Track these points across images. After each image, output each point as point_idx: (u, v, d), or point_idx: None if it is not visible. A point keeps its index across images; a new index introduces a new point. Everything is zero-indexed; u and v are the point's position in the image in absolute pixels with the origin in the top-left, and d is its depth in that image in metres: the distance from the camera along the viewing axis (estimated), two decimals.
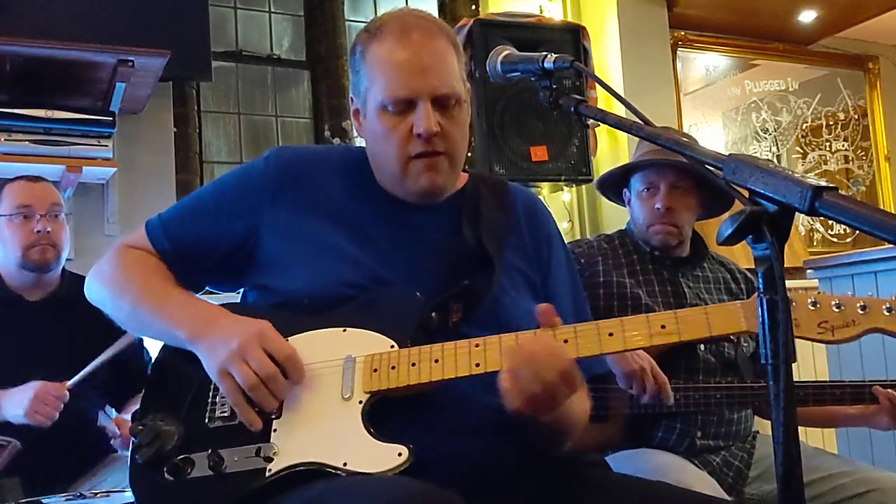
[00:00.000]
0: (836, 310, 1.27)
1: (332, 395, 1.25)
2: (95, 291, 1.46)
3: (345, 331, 1.30)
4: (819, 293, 1.30)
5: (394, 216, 1.42)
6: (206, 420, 1.27)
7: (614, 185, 2.30)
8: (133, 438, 1.29)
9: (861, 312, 1.28)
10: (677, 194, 2.14)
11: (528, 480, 1.29)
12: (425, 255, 1.39)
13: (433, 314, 1.31)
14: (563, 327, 1.25)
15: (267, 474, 1.20)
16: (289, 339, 1.30)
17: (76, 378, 2.19)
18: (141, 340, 2.44)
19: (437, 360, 1.24)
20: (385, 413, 1.24)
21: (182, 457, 1.25)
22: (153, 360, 1.43)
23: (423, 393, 1.26)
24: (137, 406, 1.35)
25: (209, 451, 1.23)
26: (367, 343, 1.28)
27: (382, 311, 1.30)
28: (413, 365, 1.24)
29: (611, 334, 1.23)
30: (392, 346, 1.27)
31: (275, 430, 1.24)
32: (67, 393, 2.17)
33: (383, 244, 1.38)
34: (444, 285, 1.34)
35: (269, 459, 1.22)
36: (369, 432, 1.21)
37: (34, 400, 2.12)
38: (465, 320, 1.32)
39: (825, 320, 1.25)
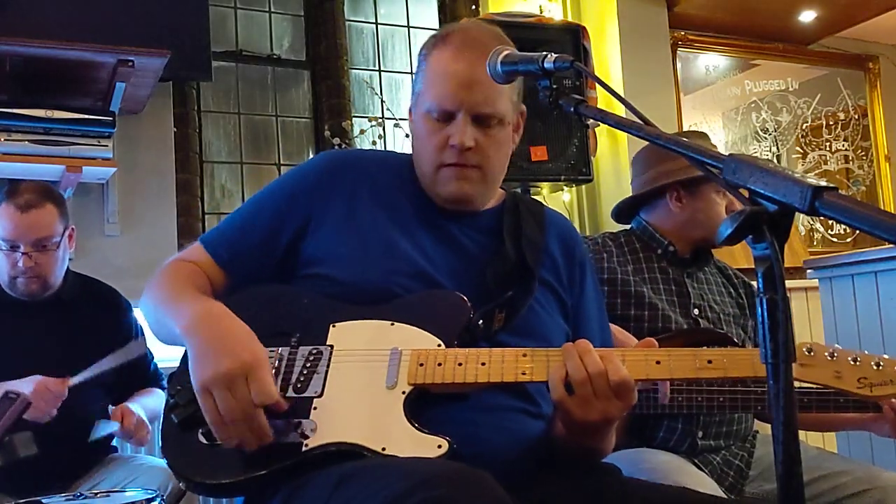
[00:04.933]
0: (876, 368, 1.31)
1: (376, 382, 1.26)
2: (144, 306, 1.46)
3: (392, 324, 1.33)
4: (861, 352, 1.34)
5: (439, 222, 1.47)
6: None
7: (636, 202, 2.29)
8: (170, 398, 1.30)
9: None
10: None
11: (546, 484, 1.31)
12: (467, 263, 1.43)
13: (480, 321, 1.34)
14: (612, 350, 1.28)
15: (303, 449, 1.21)
16: (336, 325, 1.34)
17: (79, 377, 2.18)
18: (148, 349, 2.43)
19: (483, 363, 1.26)
20: (423, 408, 1.26)
21: None
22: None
23: (462, 394, 1.28)
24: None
25: None
26: (413, 338, 1.31)
27: (431, 311, 1.34)
28: (459, 364, 1.27)
29: (658, 362, 1.26)
30: (439, 345, 1.30)
31: (315, 408, 1.25)
32: (67, 391, 2.16)
33: (429, 247, 1.43)
34: (484, 293, 1.38)
35: (306, 436, 1.23)
36: (410, 423, 1.22)
37: (33, 394, 2.11)
38: (505, 329, 1.37)
39: (865, 376, 1.29)
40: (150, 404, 2.38)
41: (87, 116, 3.02)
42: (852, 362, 1.31)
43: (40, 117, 2.94)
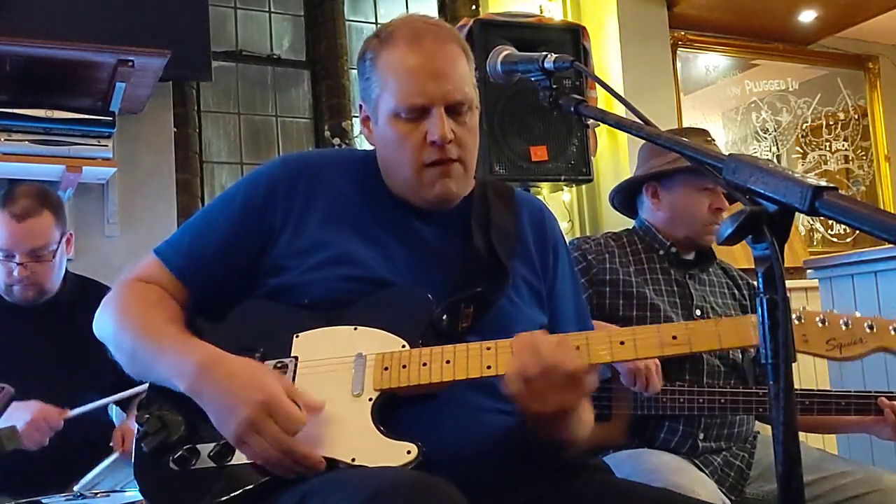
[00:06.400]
0: (845, 327, 1.28)
1: (341, 391, 1.25)
2: (101, 329, 1.41)
3: (356, 329, 1.31)
4: (828, 311, 1.30)
5: (402, 220, 1.41)
6: None
7: (631, 188, 2.29)
8: (139, 426, 1.29)
9: (868, 331, 1.29)
10: (726, 196, 2.16)
11: (531, 483, 1.29)
12: (434, 260, 1.39)
13: (444, 316, 1.31)
14: (575, 334, 1.26)
15: None
16: (299, 335, 1.31)
17: (78, 410, 2.17)
18: None
19: (448, 361, 1.25)
20: (393, 412, 1.25)
21: (188, 447, 1.25)
22: None
23: (431, 394, 1.26)
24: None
25: (216, 442, 1.23)
26: (377, 341, 1.29)
27: (394, 311, 1.31)
28: (424, 365, 1.25)
29: (622, 343, 1.24)
30: (403, 346, 1.28)
31: None
32: (62, 423, 2.14)
33: (392, 248, 1.39)
34: (452, 290, 1.34)
35: None
36: (379, 430, 1.21)
37: (30, 423, 2.10)
38: (473, 326, 1.33)
39: (833, 337, 1.27)
40: None
41: (87, 116, 3.02)
42: (820, 324, 1.28)
43: (40, 117, 2.94)
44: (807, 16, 4.54)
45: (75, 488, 2.16)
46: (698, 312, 2.14)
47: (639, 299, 2.10)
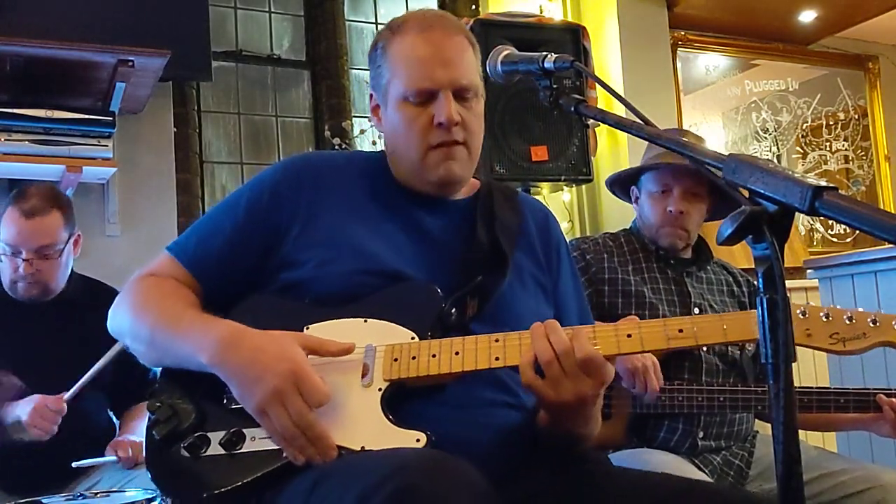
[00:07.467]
0: (848, 322, 1.30)
1: (351, 381, 1.27)
2: (116, 323, 1.44)
3: (366, 321, 1.33)
4: (832, 307, 1.32)
5: (409, 213, 1.45)
6: (225, 401, 1.28)
7: (624, 182, 2.31)
8: (150, 414, 1.31)
9: (872, 326, 1.31)
10: (690, 199, 2.16)
11: (535, 476, 1.30)
12: (439, 254, 1.42)
13: (453, 310, 1.34)
14: (582, 327, 1.27)
15: (284, 454, 1.21)
16: (309, 327, 1.33)
17: (73, 390, 2.18)
18: None
19: (457, 353, 1.27)
20: (401, 404, 1.26)
21: (199, 434, 1.26)
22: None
23: (439, 386, 1.28)
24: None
25: (227, 430, 1.25)
26: (387, 333, 1.31)
27: (403, 304, 1.33)
28: (433, 356, 1.27)
29: (629, 336, 1.25)
30: (412, 338, 1.30)
31: None
32: (65, 406, 2.16)
33: (399, 240, 1.41)
34: (457, 282, 1.36)
35: None
36: (388, 419, 1.23)
37: (33, 413, 2.11)
38: (478, 317, 1.36)
39: (837, 332, 1.29)
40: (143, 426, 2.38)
41: (87, 116, 3.02)
42: (824, 319, 1.31)
43: (40, 117, 2.94)
44: (807, 16, 4.54)
45: (74, 465, 2.17)
46: (696, 311, 2.14)
47: (637, 298, 2.11)
